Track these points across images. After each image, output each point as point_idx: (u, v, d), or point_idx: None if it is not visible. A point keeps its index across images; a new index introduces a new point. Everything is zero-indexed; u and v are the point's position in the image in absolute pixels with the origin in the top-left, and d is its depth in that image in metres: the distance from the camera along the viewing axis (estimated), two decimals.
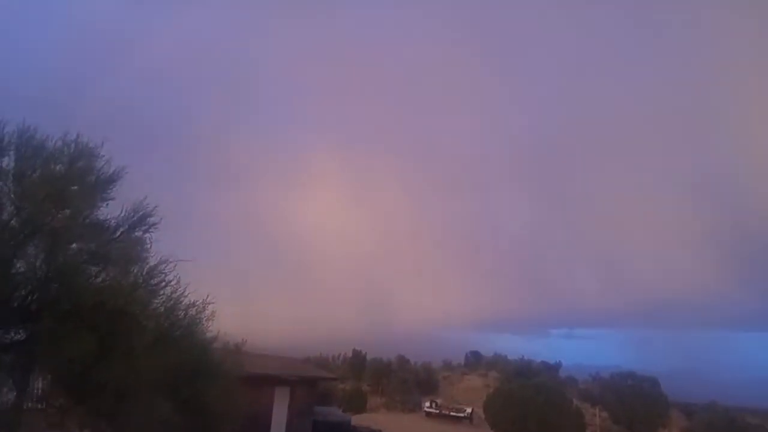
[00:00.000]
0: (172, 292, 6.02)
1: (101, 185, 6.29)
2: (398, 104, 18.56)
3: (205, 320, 6.44)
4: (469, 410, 28.54)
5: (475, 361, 46.00)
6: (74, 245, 5.80)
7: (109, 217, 6.21)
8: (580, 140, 17.93)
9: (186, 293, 6.19)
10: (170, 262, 5.98)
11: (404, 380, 34.74)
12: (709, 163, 16.79)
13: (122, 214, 6.25)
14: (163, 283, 5.98)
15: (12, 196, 5.54)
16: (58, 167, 6.03)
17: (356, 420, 20.38)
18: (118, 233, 6.26)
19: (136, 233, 6.20)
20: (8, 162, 5.70)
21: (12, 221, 5.48)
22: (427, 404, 29.85)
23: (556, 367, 41.62)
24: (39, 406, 6.39)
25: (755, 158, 15.77)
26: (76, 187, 6.14)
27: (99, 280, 5.68)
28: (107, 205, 6.29)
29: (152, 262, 5.96)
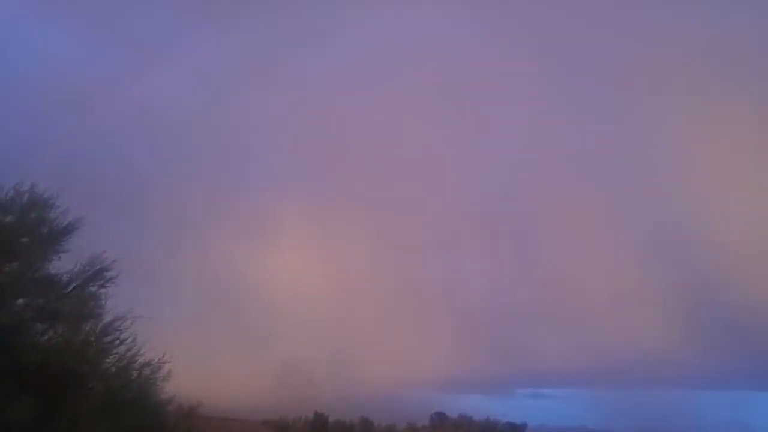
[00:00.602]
0: (126, 351, 5.66)
1: (55, 237, 6.00)
2: (370, 165, 18.91)
3: (161, 380, 6.03)
4: None
5: (440, 422, 44.73)
6: (20, 300, 5.44)
7: (61, 270, 5.89)
8: (548, 202, 18.47)
9: (141, 352, 5.81)
10: (126, 318, 5.64)
11: None
12: (671, 225, 17.48)
13: (76, 268, 5.95)
14: (117, 341, 5.62)
15: None
16: (8, 218, 5.74)
17: None
18: (70, 288, 5.92)
19: (91, 288, 5.88)
20: None
21: None
22: None
23: (522, 427, 40.79)
24: None
25: (718, 220, 16.54)
26: (26, 239, 5.84)
27: (46, 338, 5.29)
28: (60, 258, 5.99)
29: (107, 318, 5.62)
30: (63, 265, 6.01)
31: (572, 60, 18.73)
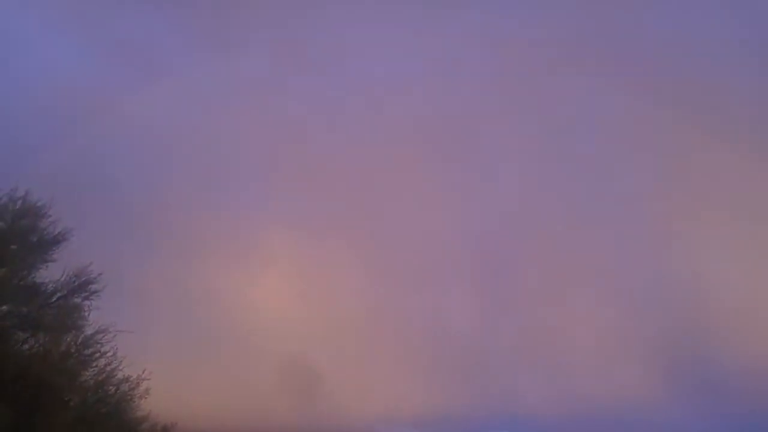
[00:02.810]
0: (105, 365, 5.63)
1: (44, 246, 6.01)
2: (359, 199, 19.02)
3: (137, 397, 5.97)
4: None
5: None
6: (4, 307, 5.41)
7: (47, 280, 5.89)
8: (536, 247, 18.64)
9: (120, 367, 5.78)
10: (108, 332, 5.63)
11: None
12: (659, 279, 17.70)
13: (62, 278, 5.95)
14: (97, 355, 5.60)
15: None
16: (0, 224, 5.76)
17: None
18: (55, 298, 5.91)
19: (75, 299, 5.87)
20: None
21: None
22: None
23: None
24: None
25: (707, 277, 16.77)
26: (15, 246, 5.84)
27: (26, 347, 5.26)
28: (47, 267, 5.99)
29: (89, 331, 5.60)
30: (49, 274, 6.01)
31: (568, 110, 19.26)
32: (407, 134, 19.56)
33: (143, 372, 6.07)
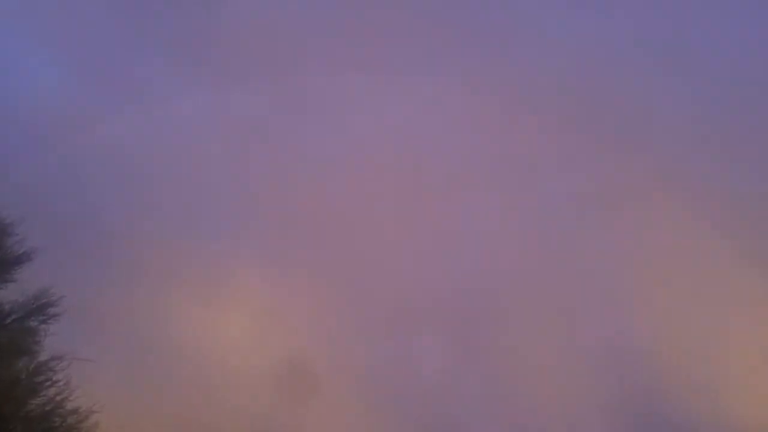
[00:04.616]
0: (55, 394, 5.38)
1: (6, 265, 5.85)
2: (333, 241, 19.00)
3: (85, 430, 5.69)
4: None
5: None
6: None
7: (5, 300, 5.70)
8: (505, 296, 18.72)
9: (71, 397, 5.54)
10: (63, 359, 5.42)
11: None
12: (624, 337, 17.86)
13: (20, 300, 5.76)
14: (48, 383, 5.36)
15: None
16: None
17: None
18: (10, 320, 5.70)
19: (32, 322, 5.67)
20: None
21: None
22: None
23: None
24: None
25: (664, 329, 17.03)
26: None
27: None
28: (6, 287, 5.81)
29: (43, 357, 5.38)
30: (8, 294, 5.83)
31: (540, 167, 19.81)
32: (383, 181, 19.80)
33: (94, 404, 5.82)
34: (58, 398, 5.53)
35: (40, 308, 5.89)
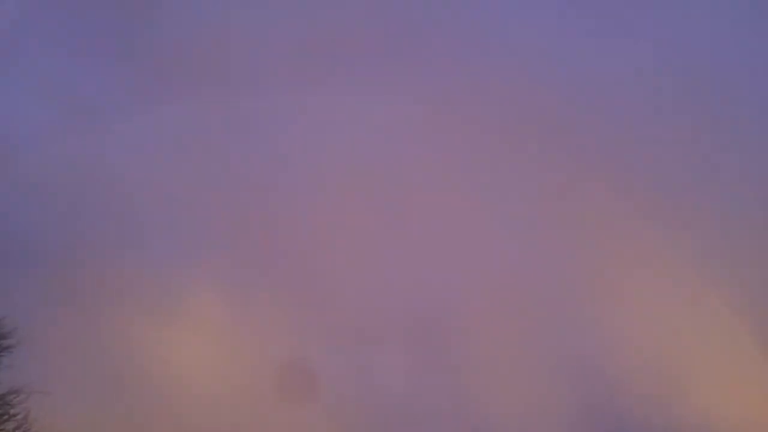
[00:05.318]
0: (15, 428, 5.27)
1: None
2: (294, 256, 18.83)
3: None
4: None
5: None
6: None
7: None
8: (473, 310, 18.95)
9: (31, 430, 5.43)
10: (21, 392, 5.31)
11: None
12: (584, 349, 18.27)
13: None
14: (6, 417, 5.24)
15: None
16: None
17: None
18: None
19: None
20: None
21: None
22: None
23: None
24: None
25: (627, 344, 17.55)
26: None
27: None
28: None
29: (0, 390, 5.26)
30: None
31: (508, 179, 20.10)
32: (343, 194, 19.84)
33: None
34: None
35: None
